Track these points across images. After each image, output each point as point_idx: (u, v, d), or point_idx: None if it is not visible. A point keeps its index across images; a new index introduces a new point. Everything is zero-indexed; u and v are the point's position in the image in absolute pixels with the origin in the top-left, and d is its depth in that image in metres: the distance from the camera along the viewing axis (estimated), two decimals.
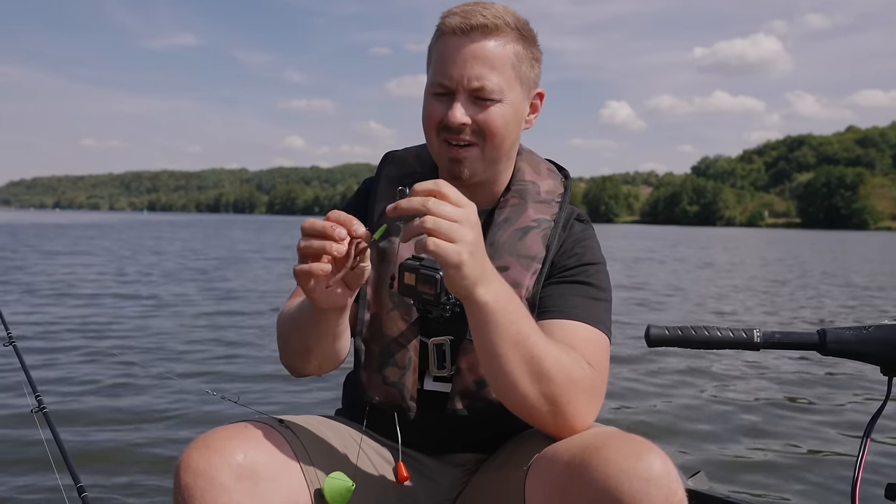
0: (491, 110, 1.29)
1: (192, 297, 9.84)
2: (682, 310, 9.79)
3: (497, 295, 1.13)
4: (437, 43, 1.32)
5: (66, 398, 4.32)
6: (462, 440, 1.45)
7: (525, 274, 1.36)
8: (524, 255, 1.37)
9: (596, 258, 1.42)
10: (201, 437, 1.17)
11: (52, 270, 13.22)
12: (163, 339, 6.49)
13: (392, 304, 1.39)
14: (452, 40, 1.29)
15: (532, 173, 1.47)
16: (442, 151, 1.34)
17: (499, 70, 1.28)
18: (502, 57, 1.29)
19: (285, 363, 1.37)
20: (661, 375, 5.47)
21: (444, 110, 1.30)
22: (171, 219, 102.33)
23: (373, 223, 1.40)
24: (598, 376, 1.25)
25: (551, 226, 1.41)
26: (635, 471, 1.03)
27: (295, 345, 1.31)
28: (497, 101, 1.29)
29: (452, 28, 1.28)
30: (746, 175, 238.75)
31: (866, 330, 1.27)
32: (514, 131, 1.35)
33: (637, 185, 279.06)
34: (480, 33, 1.27)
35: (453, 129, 1.30)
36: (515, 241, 1.38)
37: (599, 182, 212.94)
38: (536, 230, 1.40)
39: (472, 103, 1.29)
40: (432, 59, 1.34)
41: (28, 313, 7.80)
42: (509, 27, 1.30)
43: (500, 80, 1.28)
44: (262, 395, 4.55)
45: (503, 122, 1.31)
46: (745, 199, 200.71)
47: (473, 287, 1.11)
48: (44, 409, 1.87)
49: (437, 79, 1.30)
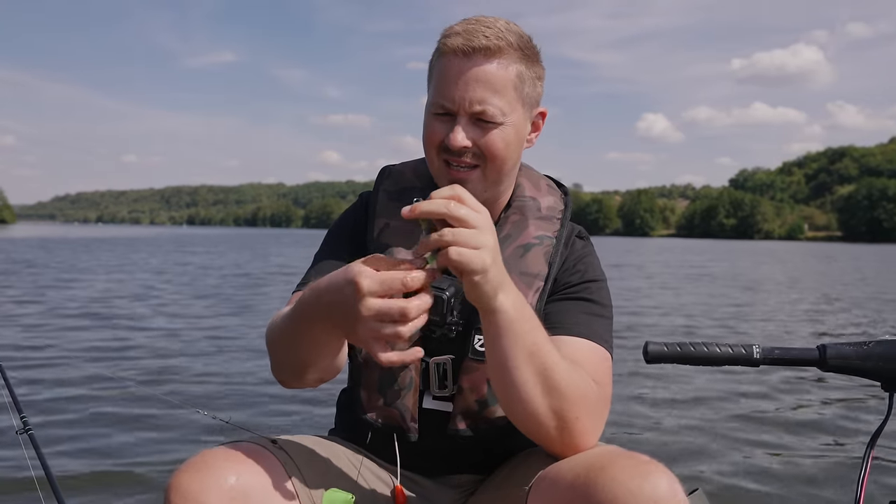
0: (492, 133, 1.27)
1: (196, 314, 9.60)
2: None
3: (514, 303, 1.12)
4: (439, 62, 1.29)
5: (52, 419, 4.16)
6: (461, 461, 1.43)
7: (528, 291, 1.34)
8: (526, 272, 1.36)
9: (597, 275, 1.41)
10: (192, 458, 1.13)
11: (62, 286, 13.05)
12: (158, 359, 6.24)
13: None
14: (454, 61, 1.26)
15: (532, 189, 1.45)
16: (442, 172, 1.32)
17: (501, 93, 1.26)
18: (504, 79, 1.26)
19: (279, 377, 1.31)
20: (658, 391, 5.39)
21: (445, 131, 1.28)
22: (208, 233, 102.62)
23: (372, 237, 1.40)
24: (604, 393, 1.24)
25: (553, 243, 1.40)
26: (641, 491, 1.01)
27: (292, 360, 1.25)
28: (499, 123, 1.27)
29: (454, 49, 1.25)
30: (786, 187, 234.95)
31: (866, 346, 1.26)
32: (515, 152, 1.34)
33: (674, 199, 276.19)
34: (483, 55, 1.24)
35: (454, 152, 1.28)
36: (517, 258, 1.37)
37: (635, 195, 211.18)
38: (538, 247, 1.39)
39: (473, 126, 1.27)
40: (433, 77, 1.31)
41: (22, 331, 7.64)
42: (512, 47, 1.26)
43: (501, 102, 1.26)
44: (252, 415, 4.38)
45: (504, 145, 1.29)
46: (785, 211, 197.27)
47: (495, 294, 1.09)
48: (29, 430, 1.81)
49: (439, 100, 1.28)
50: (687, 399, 5.17)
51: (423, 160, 1.42)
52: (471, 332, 1.33)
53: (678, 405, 4.98)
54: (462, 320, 1.29)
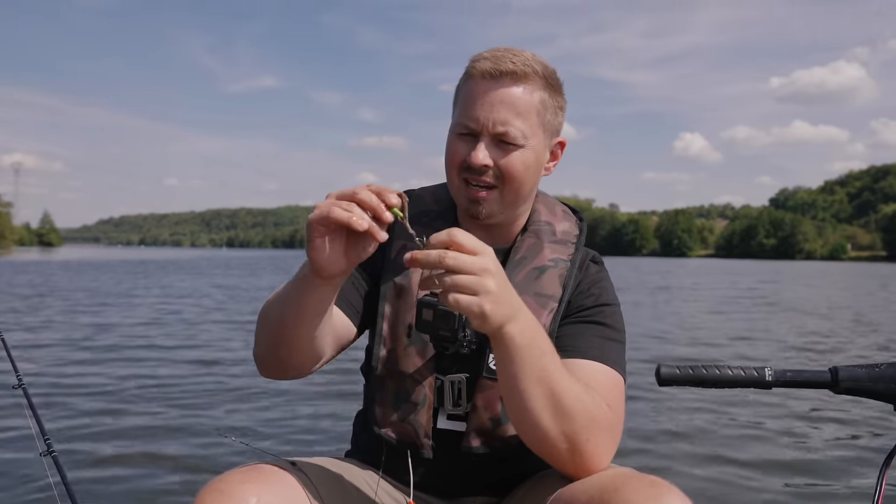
0: (513, 155, 1.31)
1: (215, 338, 9.60)
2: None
3: (523, 331, 1.13)
4: (466, 85, 1.35)
5: (75, 441, 4.21)
6: (476, 482, 1.43)
7: (542, 312, 1.37)
8: (541, 293, 1.39)
9: (611, 299, 1.43)
10: (214, 480, 1.16)
11: (92, 310, 13.09)
12: (177, 380, 6.35)
13: (408, 341, 1.38)
14: (481, 84, 1.31)
15: (548, 214, 1.49)
16: (461, 191, 1.36)
17: (524, 116, 1.31)
18: (528, 104, 1.31)
19: (258, 353, 1.31)
20: (672, 413, 5.32)
21: (468, 150, 1.32)
22: (247, 255, 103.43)
23: (389, 260, 1.43)
24: (616, 416, 1.25)
25: (567, 266, 1.43)
26: None
27: (273, 323, 1.25)
28: (520, 146, 1.31)
29: (482, 72, 1.31)
30: (828, 206, 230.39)
31: (878, 368, 1.25)
32: (534, 176, 1.38)
33: (712, 218, 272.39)
34: (509, 79, 1.30)
35: (475, 170, 1.32)
36: (532, 280, 1.40)
37: (672, 215, 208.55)
38: (553, 269, 1.41)
39: (495, 146, 1.31)
40: (459, 99, 1.36)
41: (46, 351, 7.76)
42: (537, 75, 1.32)
43: (524, 126, 1.31)
44: (271, 437, 4.42)
45: (524, 168, 1.33)
46: (827, 231, 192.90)
47: (500, 326, 1.11)
48: (52, 452, 1.82)
49: (463, 120, 1.33)
50: (699, 421, 5.12)
51: (444, 185, 1.46)
52: (485, 351, 1.35)
53: (690, 427, 4.93)
54: (476, 339, 1.32)
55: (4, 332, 2.15)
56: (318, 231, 1.09)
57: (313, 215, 1.09)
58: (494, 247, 1.40)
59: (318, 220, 1.08)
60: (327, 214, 1.07)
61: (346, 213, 1.06)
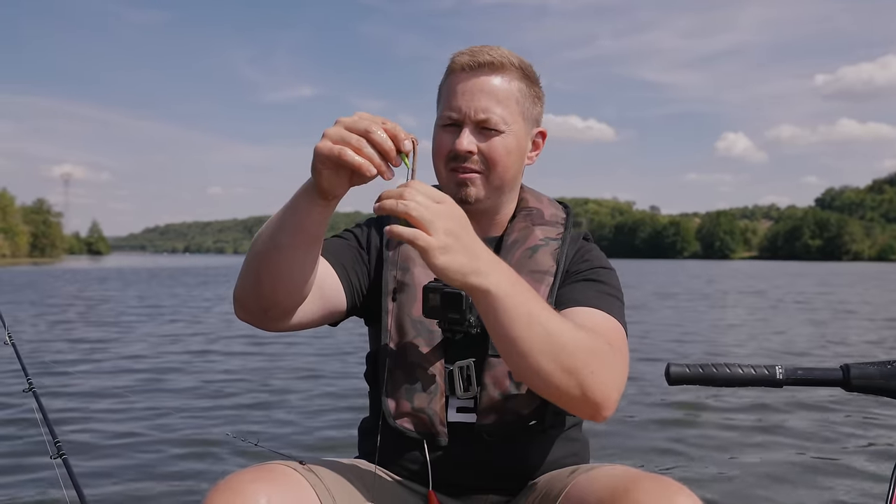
0: (495, 140, 1.38)
1: (227, 334, 9.66)
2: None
3: (499, 283, 1.13)
4: (447, 80, 1.43)
5: (85, 444, 4.25)
6: (488, 472, 1.43)
7: (539, 286, 1.41)
8: (536, 270, 1.44)
9: (606, 264, 1.48)
10: (224, 479, 1.15)
11: (110, 320, 13.16)
12: (188, 381, 6.36)
13: (415, 332, 1.41)
14: (461, 76, 1.40)
15: (535, 202, 1.55)
16: (449, 180, 1.42)
17: (504, 104, 1.39)
18: (507, 91, 1.39)
19: (239, 289, 1.28)
20: (684, 415, 5.27)
21: (453, 140, 1.39)
22: None
23: (380, 256, 1.49)
24: (619, 353, 1.24)
25: (559, 243, 1.48)
26: None
27: (263, 246, 1.23)
28: (501, 132, 1.38)
29: (461, 65, 1.40)
30: (877, 206, 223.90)
31: (890, 365, 1.25)
32: (517, 162, 1.43)
33: (756, 220, 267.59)
34: (488, 69, 1.39)
35: (461, 157, 1.38)
36: (526, 259, 1.45)
37: (714, 217, 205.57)
38: (545, 248, 1.47)
39: (478, 133, 1.38)
40: (442, 95, 1.44)
41: (56, 355, 7.89)
42: (514, 66, 1.41)
43: (504, 112, 1.38)
44: (281, 437, 4.47)
45: (506, 152, 1.39)
46: (875, 231, 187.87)
47: (464, 279, 1.10)
48: (63, 455, 1.82)
49: (446, 112, 1.40)
50: (711, 422, 5.07)
51: (434, 187, 1.47)
52: None
53: (703, 429, 4.89)
54: (481, 321, 1.32)
55: (14, 336, 2.15)
56: (325, 164, 1.10)
57: (323, 147, 1.08)
58: (487, 236, 1.43)
59: (328, 156, 1.08)
60: (338, 156, 1.07)
61: (358, 159, 1.07)
